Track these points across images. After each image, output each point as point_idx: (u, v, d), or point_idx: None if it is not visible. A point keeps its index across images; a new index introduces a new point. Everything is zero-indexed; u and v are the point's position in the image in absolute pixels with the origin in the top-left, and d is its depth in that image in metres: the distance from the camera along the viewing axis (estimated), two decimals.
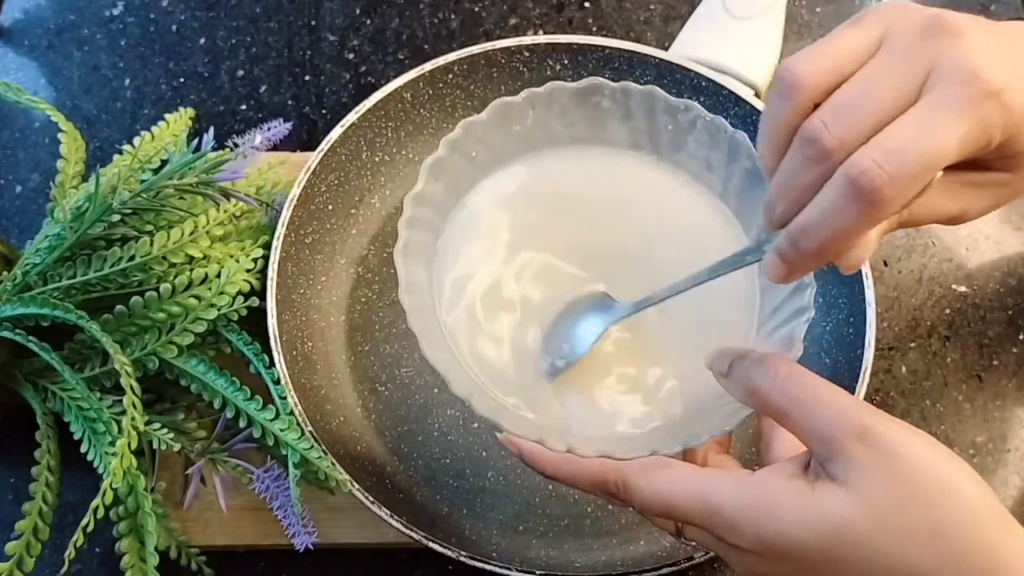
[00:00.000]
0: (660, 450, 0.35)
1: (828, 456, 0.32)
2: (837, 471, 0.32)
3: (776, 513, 0.32)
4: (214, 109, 0.67)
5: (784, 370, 0.33)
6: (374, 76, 0.68)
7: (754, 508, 0.33)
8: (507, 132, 0.41)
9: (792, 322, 0.37)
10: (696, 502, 0.34)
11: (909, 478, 0.31)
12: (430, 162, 0.39)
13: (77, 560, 0.53)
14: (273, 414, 0.48)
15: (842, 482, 0.31)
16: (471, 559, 0.46)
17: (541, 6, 0.70)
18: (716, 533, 0.34)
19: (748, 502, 0.33)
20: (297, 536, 0.47)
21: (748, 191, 0.40)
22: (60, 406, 0.50)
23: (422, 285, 0.39)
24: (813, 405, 0.32)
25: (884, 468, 0.31)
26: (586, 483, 0.37)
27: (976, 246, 0.62)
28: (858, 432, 0.31)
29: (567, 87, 0.40)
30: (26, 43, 0.70)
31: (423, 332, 0.36)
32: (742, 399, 0.35)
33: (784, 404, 0.33)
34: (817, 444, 0.32)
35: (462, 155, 0.41)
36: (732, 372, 0.35)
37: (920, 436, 0.32)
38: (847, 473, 0.31)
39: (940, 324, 0.60)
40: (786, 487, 0.33)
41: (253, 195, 0.55)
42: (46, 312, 0.47)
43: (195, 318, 0.50)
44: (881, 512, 0.31)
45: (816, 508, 0.32)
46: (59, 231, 0.50)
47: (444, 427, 0.55)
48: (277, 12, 0.70)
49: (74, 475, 0.53)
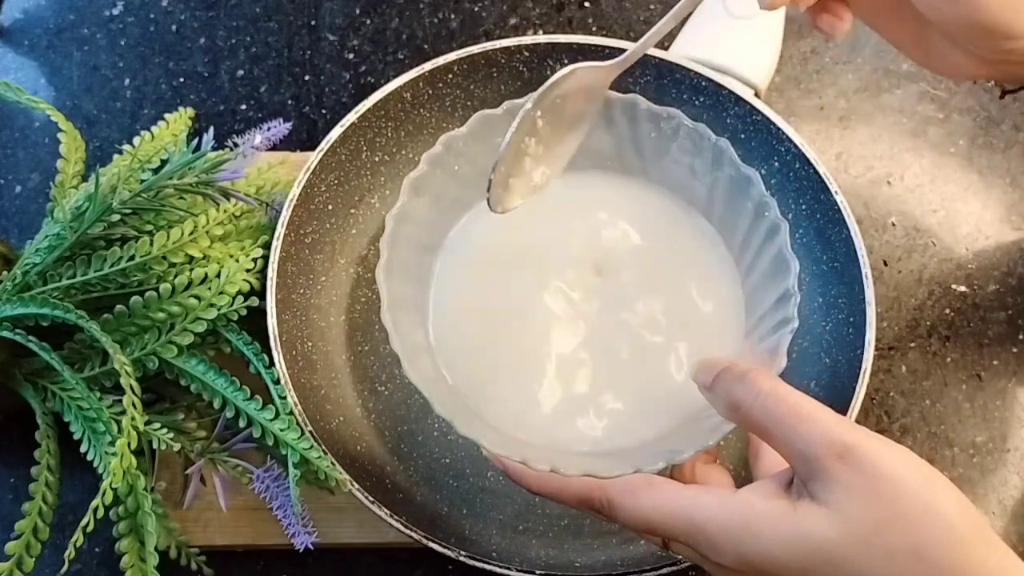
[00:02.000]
0: (643, 467, 0.35)
1: (810, 475, 0.32)
2: (818, 490, 0.32)
3: (757, 533, 0.32)
4: (214, 109, 0.67)
5: (767, 386, 0.33)
6: (374, 76, 0.68)
7: (735, 528, 0.33)
8: (489, 145, 0.40)
9: (777, 332, 0.37)
10: (680, 521, 0.34)
11: (890, 498, 0.31)
12: (412, 178, 0.39)
13: (77, 560, 0.53)
14: (273, 414, 0.48)
15: (823, 502, 0.32)
16: (471, 559, 0.46)
17: (541, 6, 0.70)
18: (699, 551, 0.34)
19: (730, 522, 0.33)
20: (297, 536, 0.47)
21: (733, 198, 0.40)
22: (60, 406, 0.50)
23: (406, 302, 0.39)
24: (795, 423, 0.32)
25: (865, 488, 0.31)
26: (571, 499, 0.37)
27: (976, 246, 0.62)
28: (839, 452, 0.31)
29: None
30: (26, 43, 0.70)
31: (404, 351, 0.36)
32: (725, 414, 0.35)
33: (766, 422, 0.33)
34: (799, 463, 0.32)
35: (444, 170, 0.41)
36: (715, 386, 0.35)
37: (902, 453, 0.32)
38: (828, 493, 0.31)
39: (940, 324, 0.60)
40: (768, 507, 0.33)
41: (253, 195, 0.55)
42: (46, 312, 0.47)
43: (195, 318, 0.50)
44: (862, 532, 0.31)
45: (797, 528, 0.32)
46: (59, 231, 0.50)
47: (444, 427, 0.55)
48: (277, 12, 0.70)
49: (74, 475, 0.53)
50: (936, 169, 0.64)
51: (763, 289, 0.39)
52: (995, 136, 0.65)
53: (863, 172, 0.64)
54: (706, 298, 0.41)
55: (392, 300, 0.37)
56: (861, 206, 0.63)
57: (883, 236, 0.62)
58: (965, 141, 0.65)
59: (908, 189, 0.64)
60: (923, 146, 0.65)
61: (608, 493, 0.36)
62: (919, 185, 0.64)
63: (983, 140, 0.65)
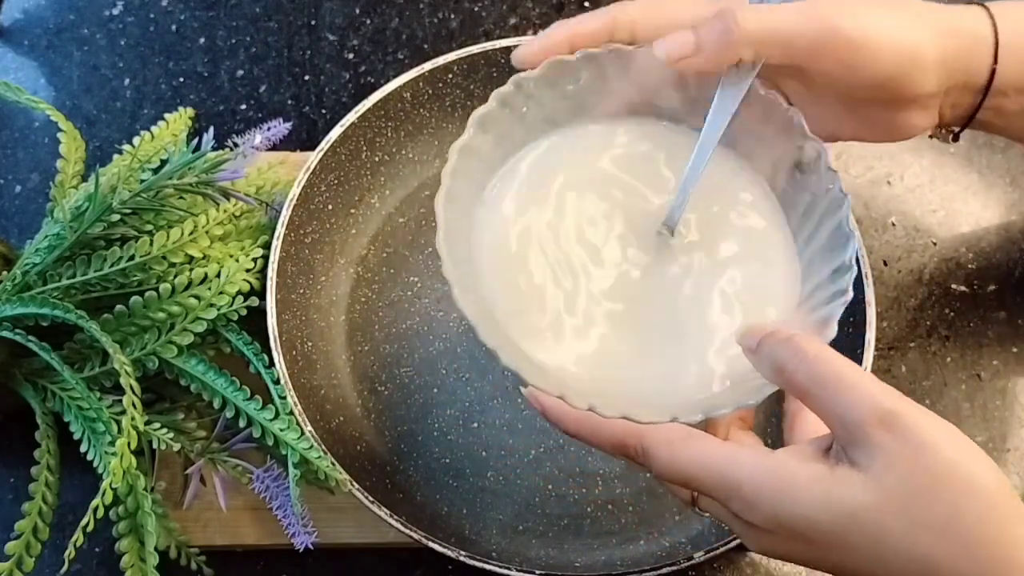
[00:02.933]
0: (681, 417, 0.35)
1: (851, 441, 0.32)
2: (859, 456, 0.32)
3: (793, 494, 0.32)
4: (214, 109, 0.67)
5: (813, 351, 0.33)
6: (374, 76, 0.68)
7: (772, 487, 0.33)
8: (559, 91, 0.41)
9: (830, 304, 0.37)
10: (715, 476, 0.34)
11: (930, 468, 0.31)
12: (479, 113, 0.39)
13: (77, 560, 0.53)
14: (273, 414, 0.48)
15: (863, 468, 0.31)
16: (471, 559, 0.46)
17: (541, 6, 0.70)
18: (732, 508, 0.34)
19: (766, 480, 0.33)
20: (297, 536, 0.47)
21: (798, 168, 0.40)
22: (60, 406, 0.50)
23: (460, 233, 0.39)
24: (839, 388, 0.32)
25: (906, 456, 0.31)
26: (606, 444, 0.37)
27: (976, 246, 0.62)
28: (882, 419, 0.31)
29: (625, 50, 0.40)
30: (26, 43, 0.70)
31: (456, 279, 0.36)
32: (769, 376, 0.35)
33: (809, 385, 0.33)
34: (840, 428, 0.32)
35: (512, 110, 0.40)
36: (761, 348, 0.35)
37: (945, 426, 0.32)
38: (868, 459, 0.31)
39: (940, 324, 0.60)
40: (806, 468, 0.33)
41: (253, 195, 0.55)
42: (46, 312, 0.47)
43: (195, 318, 0.50)
44: (899, 501, 0.31)
45: (834, 492, 0.32)
46: (59, 231, 0.50)
47: (444, 427, 0.55)
48: (277, 12, 0.70)
49: (74, 475, 0.53)
50: (936, 169, 0.64)
51: (820, 261, 0.39)
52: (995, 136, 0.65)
53: (863, 172, 0.64)
54: (763, 265, 0.40)
55: (448, 229, 0.37)
56: (861, 206, 0.63)
57: (883, 236, 0.62)
58: (965, 141, 0.65)
59: (908, 189, 0.64)
60: (923, 146, 0.65)
61: (644, 440, 0.36)
62: (919, 185, 0.64)
63: (983, 140, 0.65)
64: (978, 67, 0.42)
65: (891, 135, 0.44)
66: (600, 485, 0.53)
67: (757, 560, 0.53)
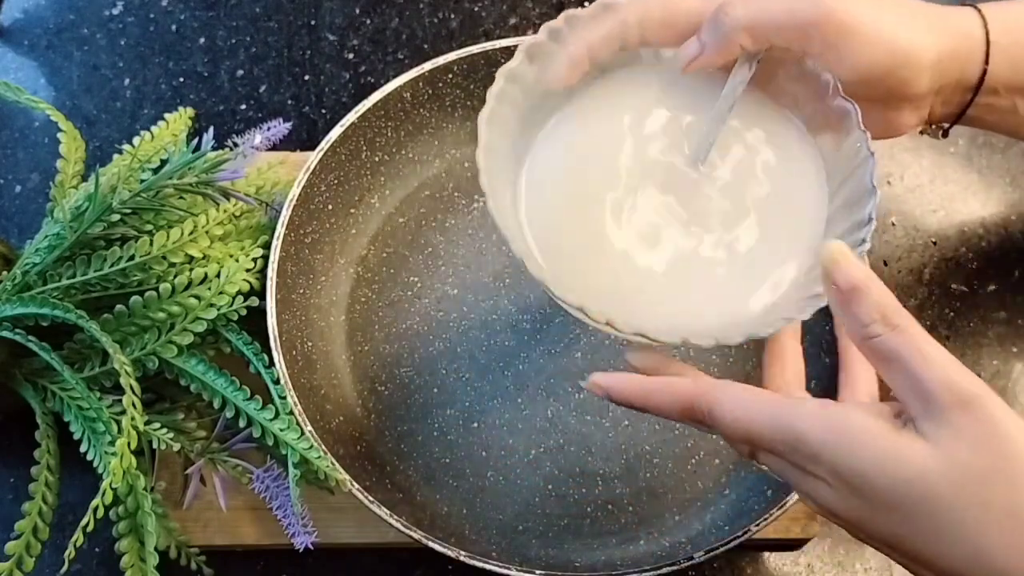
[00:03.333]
0: (721, 340, 0.35)
1: (924, 414, 0.32)
2: (929, 429, 0.31)
3: (856, 448, 0.32)
4: (214, 109, 0.67)
5: (903, 323, 0.33)
6: (374, 76, 0.68)
7: (835, 438, 0.32)
8: None
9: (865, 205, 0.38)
10: (779, 427, 0.34)
11: (1000, 454, 0.30)
12: (528, 43, 0.40)
13: (77, 560, 0.53)
14: (273, 414, 0.48)
15: (932, 439, 0.31)
16: (471, 559, 0.46)
17: (541, 6, 0.70)
18: (793, 460, 0.34)
19: (830, 431, 0.33)
20: (297, 536, 0.47)
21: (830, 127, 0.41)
22: (60, 406, 0.50)
23: (499, 153, 0.39)
24: (923, 362, 0.32)
25: (979, 438, 0.31)
26: (675, 412, 0.37)
27: (976, 246, 0.62)
28: (963, 399, 0.31)
29: None
30: (26, 43, 0.70)
31: (492, 191, 0.37)
32: (854, 330, 0.34)
33: (892, 355, 0.33)
34: (915, 399, 0.32)
35: (562, 45, 0.41)
36: (854, 303, 0.34)
37: (1020, 419, 0.32)
38: (939, 432, 0.31)
39: (940, 324, 0.60)
40: (872, 424, 0.32)
41: (253, 195, 0.55)
42: (46, 312, 0.47)
43: (195, 318, 0.50)
44: (964, 476, 0.30)
45: (897, 451, 0.31)
46: (59, 231, 0.50)
47: (444, 427, 0.55)
48: (277, 12, 0.70)
49: (74, 475, 0.53)
50: (936, 169, 0.64)
51: (840, 217, 0.40)
52: (995, 136, 0.65)
53: None
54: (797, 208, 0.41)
55: (489, 146, 0.38)
56: None
57: (883, 236, 0.62)
58: (965, 141, 0.65)
59: (908, 189, 0.64)
60: (923, 146, 0.65)
61: (709, 401, 0.36)
62: (919, 185, 0.64)
63: (983, 140, 0.65)
64: (970, 67, 0.43)
65: (883, 132, 0.44)
66: (600, 485, 0.53)
67: (757, 560, 0.53)
